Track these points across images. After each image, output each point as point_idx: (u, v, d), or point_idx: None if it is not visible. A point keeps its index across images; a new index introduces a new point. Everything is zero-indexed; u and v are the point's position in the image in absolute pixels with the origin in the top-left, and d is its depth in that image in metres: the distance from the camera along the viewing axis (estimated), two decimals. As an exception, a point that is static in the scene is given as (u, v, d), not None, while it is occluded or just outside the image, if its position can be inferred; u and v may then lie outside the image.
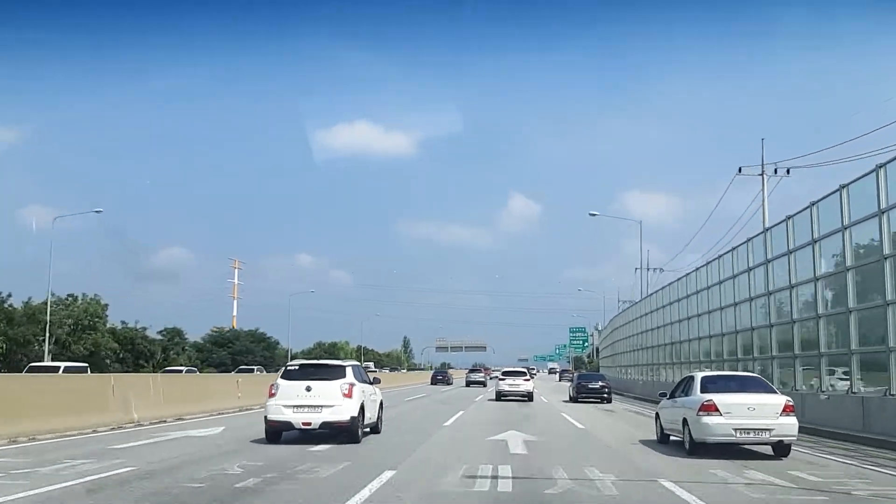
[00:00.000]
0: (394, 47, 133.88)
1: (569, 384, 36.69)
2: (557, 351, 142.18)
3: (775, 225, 19.40)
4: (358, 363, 15.71)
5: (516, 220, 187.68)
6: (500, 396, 31.86)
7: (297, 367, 14.22)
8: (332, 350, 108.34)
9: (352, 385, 13.49)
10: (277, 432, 13.36)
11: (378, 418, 15.19)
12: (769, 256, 19.49)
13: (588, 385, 32.26)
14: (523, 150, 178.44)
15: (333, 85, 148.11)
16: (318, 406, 13.17)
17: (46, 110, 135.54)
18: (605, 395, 31.65)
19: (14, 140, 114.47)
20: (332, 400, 13.21)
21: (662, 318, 34.70)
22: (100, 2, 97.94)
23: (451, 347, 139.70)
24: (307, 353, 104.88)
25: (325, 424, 13.10)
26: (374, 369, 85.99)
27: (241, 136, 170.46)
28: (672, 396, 14.46)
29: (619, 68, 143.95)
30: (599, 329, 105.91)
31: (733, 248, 22.71)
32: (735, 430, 12.10)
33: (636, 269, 56.37)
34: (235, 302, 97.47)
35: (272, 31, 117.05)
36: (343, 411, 13.17)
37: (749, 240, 21.21)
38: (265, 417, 13.45)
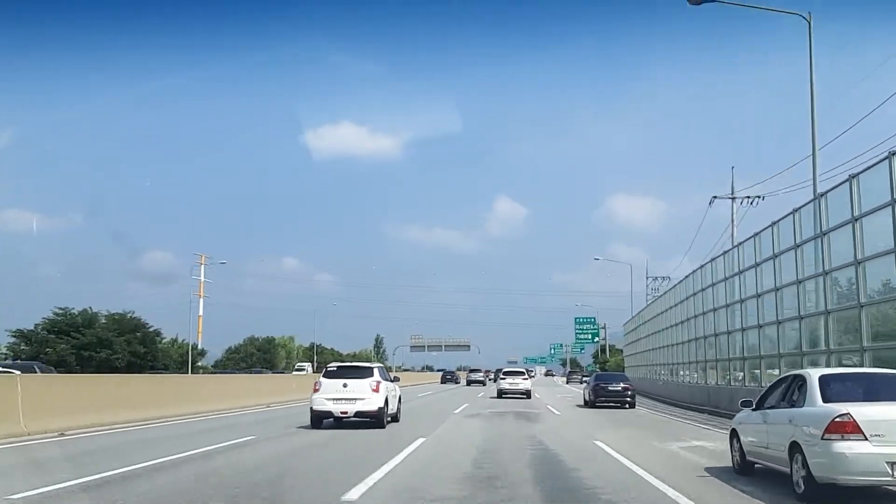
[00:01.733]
0: (381, 50, 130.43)
1: (583, 387, 30.99)
2: (553, 351, 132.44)
3: (863, 171, 14.37)
4: (382, 365, 19.08)
5: (504, 222, 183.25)
6: (501, 394, 35.33)
7: (335, 368, 17.75)
8: (268, 347, 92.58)
9: (379, 382, 16.82)
10: (320, 419, 16.76)
11: (398, 410, 18.58)
12: (857, 213, 14.45)
13: (608, 387, 27.30)
14: (511, 153, 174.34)
15: (321, 87, 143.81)
16: (352, 399, 16.54)
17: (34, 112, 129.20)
18: (628, 399, 27.04)
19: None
20: (364, 394, 16.57)
21: (695, 306, 28.66)
22: (82, 7, 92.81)
23: (429, 346, 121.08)
24: (233, 352, 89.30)
25: (358, 413, 16.55)
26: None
27: (229, 138, 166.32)
28: (761, 407, 9.60)
29: (607, 71, 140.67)
30: (605, 327, 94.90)
31: (795, 210, 17.51)
32: (892, 463, 7.29)
33: (713, 198, 40.48)
34: (202, 301, 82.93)
35: (260, 34, 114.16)
36: (372, 403, 16.55)
37: (823, 195, 15.95)
38: (311, 408, 16.83)
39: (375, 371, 17.25)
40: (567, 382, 77.80)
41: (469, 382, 62.07)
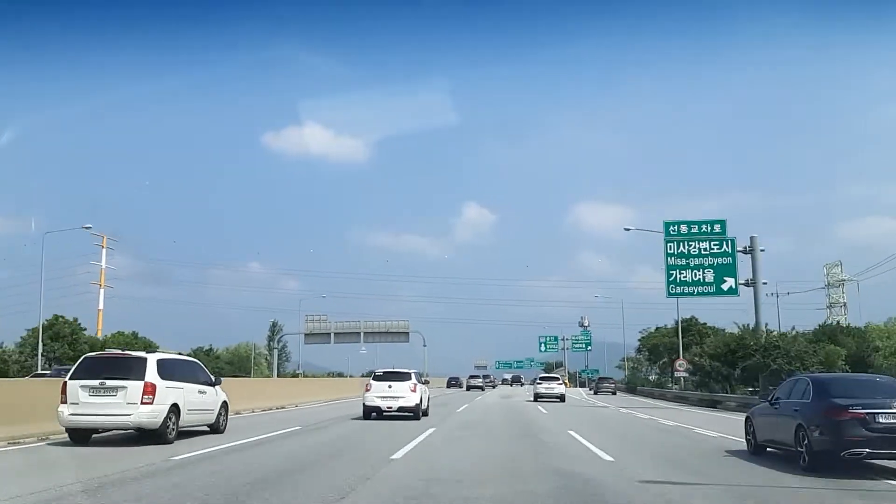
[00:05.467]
0: (353, 54, 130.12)
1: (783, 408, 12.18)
2: (545, 346, 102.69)
3: None
4: (418, 371, 23.44)
5: (472, 228, 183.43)
6: (537, 398, 38.51)
7: (381, 373, 22.08)
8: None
9: (415, 384, 21.30)
10: (370, 412, 21.09)
11: (428, 406, 22.88)
12: None
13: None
14: (480, 160, 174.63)
15: (292, 90, 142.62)
16: (396, 397, 20.90)
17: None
18: None
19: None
20: (404, 393, 20.96)
21: None
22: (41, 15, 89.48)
23: (339, 333, 74.77)
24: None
25: (400, 408, 20.83)
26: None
27: (205, 142, 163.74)
28: None
29: (580, 78, 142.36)
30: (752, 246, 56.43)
31: None
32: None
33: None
34: (102, 292, 70.15)
35: (234, 41, 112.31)
36: (411, 400, 20.93)
37: None
38: (363, 404, 21.37)
39: (412, 376, 21.77)
40: (596, 393, 58.48)
41: (468, 388, 66.22)
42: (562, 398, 38.55)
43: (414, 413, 20.95)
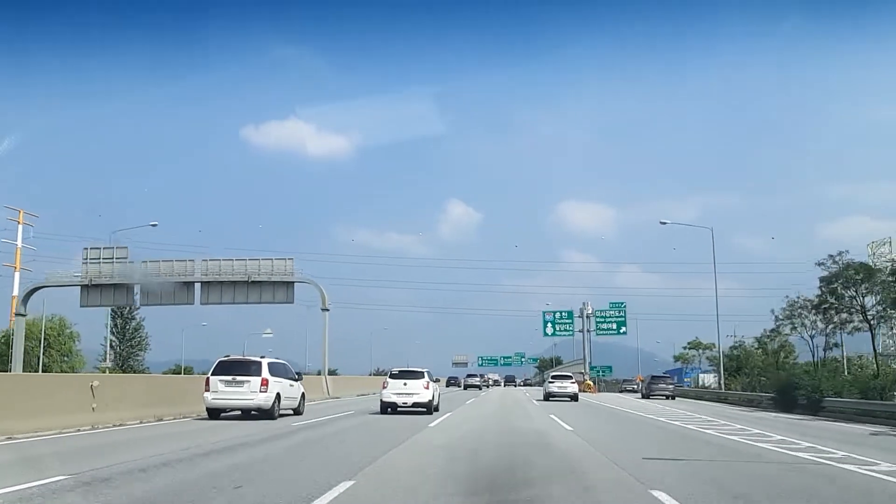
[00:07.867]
0: (340, 53, 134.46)
1: None
2: (553, 328, 73.63)
3: None
4: (430, 370, 24.74)
5: (456, 225, 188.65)
6: (549, 397, 38.64)
7: (397, 372, 24.09)
8: None
9: (429, 382, 23.63)
10: (387, 407, 23.29)
11: (438, 402, 25.21)
12: None
13: None
14: (466, 160, 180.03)
15: (274, 86, 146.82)
16: (410, 394, 23.19)
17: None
18: None
19: None
20: (418, 390, 23.26)
21: None
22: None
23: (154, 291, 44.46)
24: None
25: (414, 404, 23.17)
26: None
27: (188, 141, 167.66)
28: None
29: (563, 77, 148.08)
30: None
31: None
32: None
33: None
34: (18, 275, 60.57)
35: (222, 44, 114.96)
36: (424, 397, 23.24)
37: None
38: (381, 400, 23.71)
39: (425, 374, 23.96)
40: (645, 397, 47.07)
41: (466, 387, 69.21)
42: (574, 398, 38.04)
43: (427, 408, 23.25)
